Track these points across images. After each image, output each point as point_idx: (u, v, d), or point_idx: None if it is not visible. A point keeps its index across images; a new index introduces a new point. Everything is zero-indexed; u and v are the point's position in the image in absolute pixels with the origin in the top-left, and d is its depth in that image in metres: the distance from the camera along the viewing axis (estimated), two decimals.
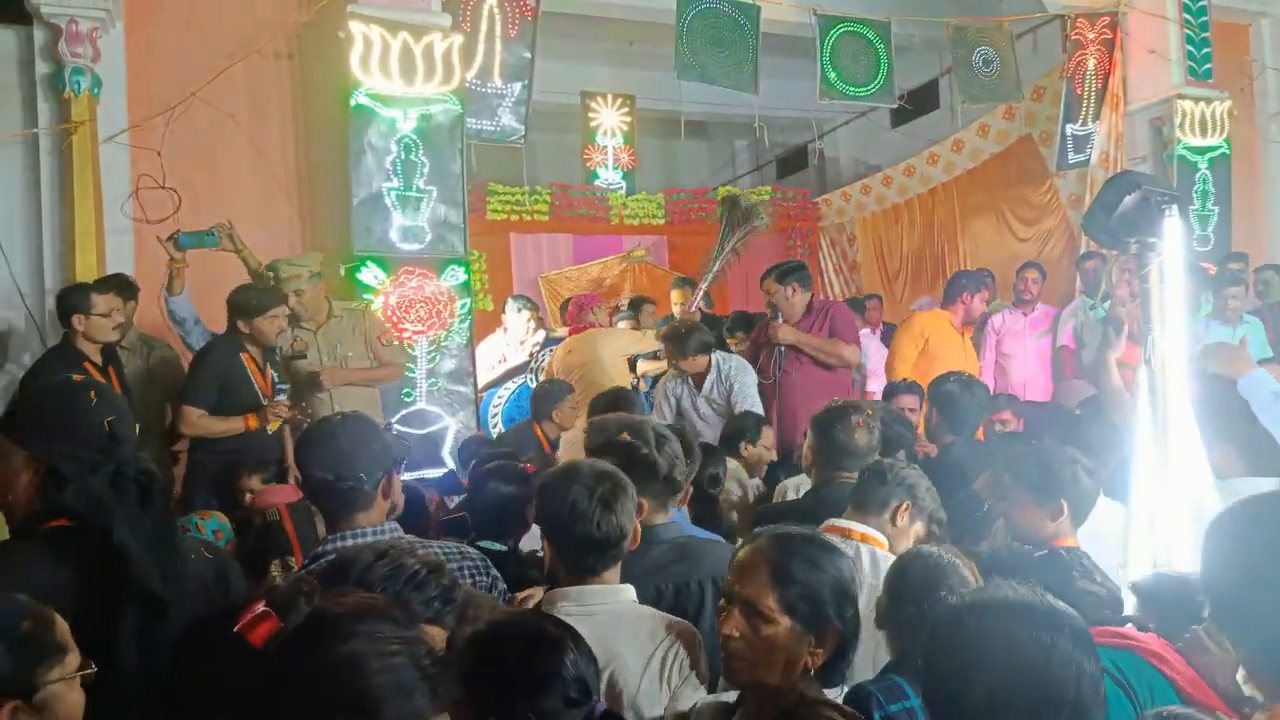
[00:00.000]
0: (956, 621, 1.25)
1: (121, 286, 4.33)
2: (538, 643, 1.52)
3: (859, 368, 5.60)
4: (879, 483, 2.40)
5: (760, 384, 4.66)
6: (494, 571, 2.23)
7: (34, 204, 4.82)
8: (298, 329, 4.45)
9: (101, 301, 4.03)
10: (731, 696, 1.67)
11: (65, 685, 1.42)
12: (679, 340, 4.65)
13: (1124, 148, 6.95)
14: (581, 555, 1.91)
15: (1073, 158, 7.08)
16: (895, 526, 2.40)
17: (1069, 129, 7.03)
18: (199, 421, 4.07)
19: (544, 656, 1.49)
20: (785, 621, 1.52)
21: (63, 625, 1.45)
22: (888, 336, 6.67)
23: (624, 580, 1.99)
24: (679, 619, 1.93)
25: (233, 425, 4.08)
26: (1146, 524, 2.25)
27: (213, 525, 3.11)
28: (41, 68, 4.81)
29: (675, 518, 2.40)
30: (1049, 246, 7.54)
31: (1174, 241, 2.25)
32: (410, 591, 1.53)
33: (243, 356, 4.16)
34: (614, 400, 3.81)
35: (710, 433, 4.40)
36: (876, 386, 5.96)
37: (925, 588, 1.85)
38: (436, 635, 1.50)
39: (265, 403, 4.13)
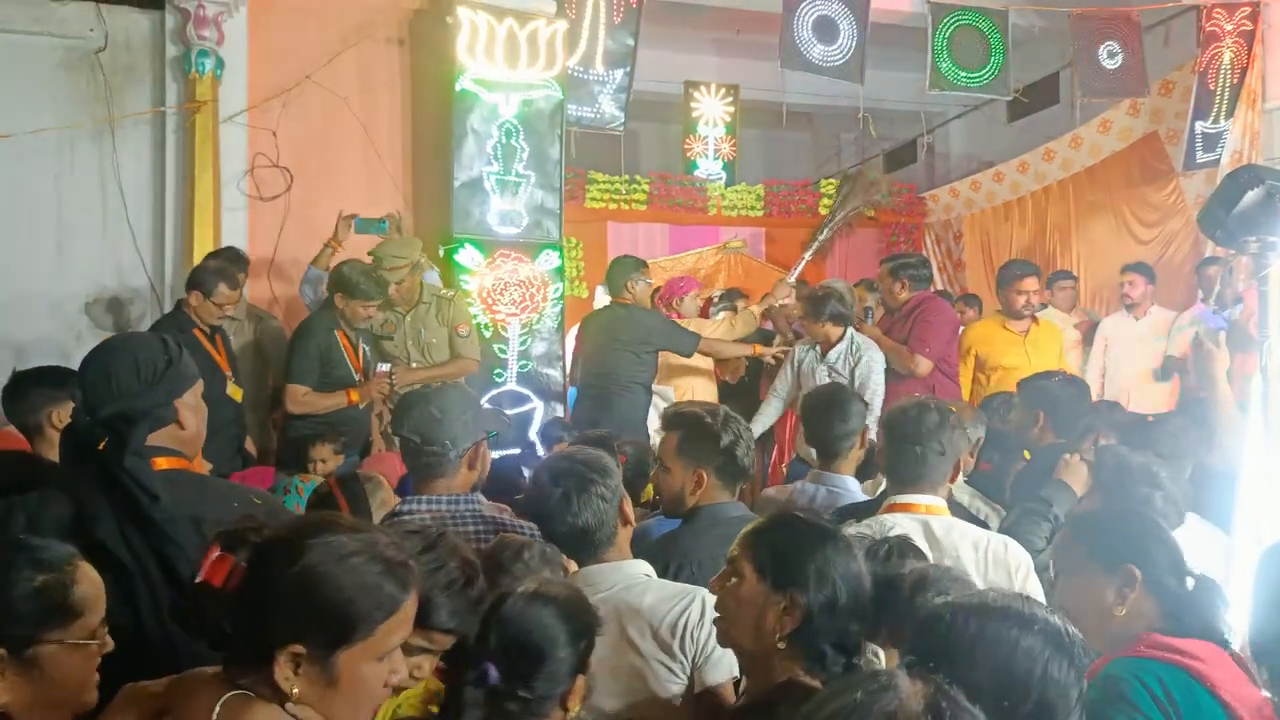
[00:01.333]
0: (937, 618, 1.29)
1: (237, 272, 4.48)
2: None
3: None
4: (935, 453, 2.36)
5: None
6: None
7: (159, 179, 5.10)
8: (392, 311, 4.56)
9: (223, 294, 4.23)
10: None
11: (66, 650, 1.37)
12: (814, 303, 4.68)
13: (1260, 147, 6.50)
14: (565, 544, 2.02)
15: (1201, 157, 6.66)
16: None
17: (1199, 126, 6.61)
18: (305, 399, 4.21)
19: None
20: (752, 578, 1.60)
21: (88, 590, 1.41)
22: None
23: (671, 555, 2.12)
24: (696, 588, 1.95)
25: (337, 400, 4.24)
26: (1253, 553, 2.09)
27: (310, 488, 3.12)
28: (171, 50, 5.07)
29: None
30: (1171, 250, 7.13)
31: None
32: (439, 595, 1.58)
33: (337, 334, 4.30)
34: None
35: None
36: None
37: None
38: (443, 641, 1.59)
39: (358, 380, 4.27)
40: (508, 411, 4.95)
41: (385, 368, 4.40)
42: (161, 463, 1.82)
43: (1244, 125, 6.53)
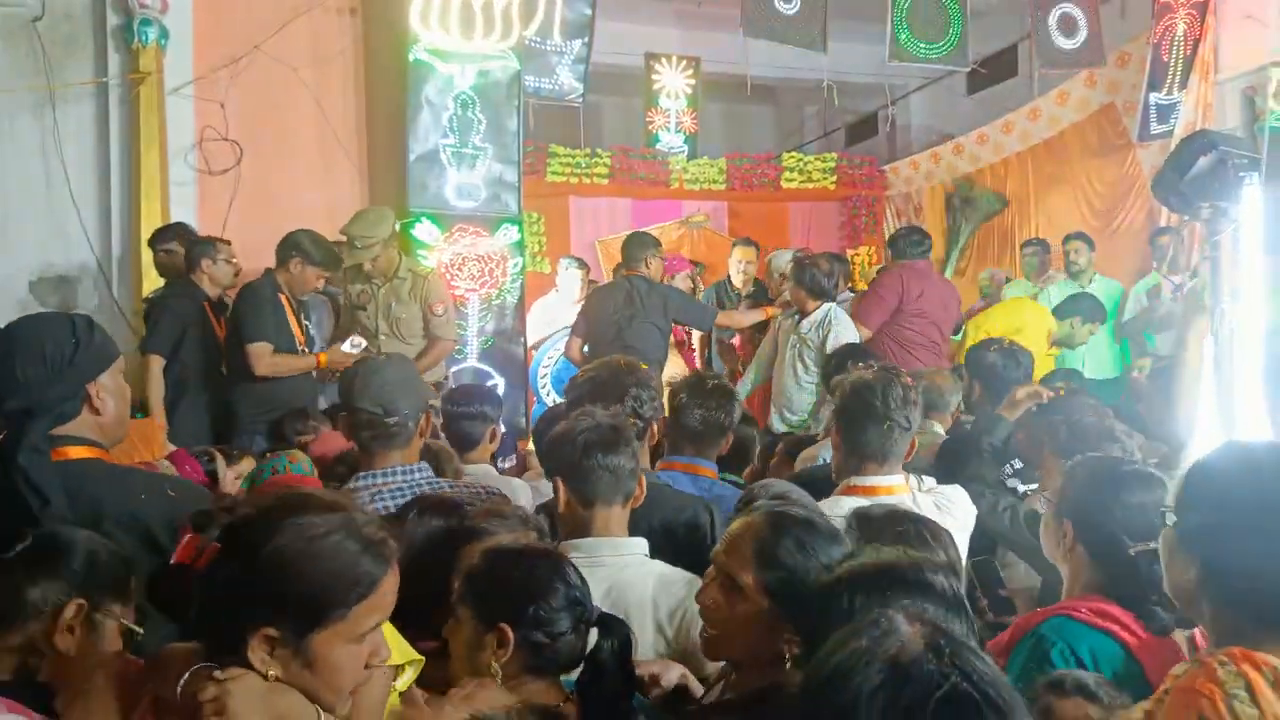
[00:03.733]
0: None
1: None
2: (537, 557, 1.57)
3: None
4: (901, 429, 2.27)
5: None
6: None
7: (103, 153, 4.94)
8: (368, 283, 4.48)
9: (225, 249, 4.37)
10: None
11: (113, 626, 1.46)
12: (798, 268, 4.71)
13: (1212, 118, 6.58)
14: (592, 486, 1.93)
15: (1156, 128, 6.74)
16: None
17: (1153, 97, 6.68)
18: (274, 359, 4.04)
19: (545, 565, 1.54)
20: (762, 603, 1.45)
21: (137, 582, 1.51)
22: None
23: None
24: (693, 575, 1.88)
25: (307, 363, 4.17)
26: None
27: (298, 468, 2.88)
28: (113, 19, 4.90)
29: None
30: (1127, 220, 7.23)
31: (1252, 210, 2.11)
32: None
33: (281, 298, 4.19)
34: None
35: (798, 369, 4.56)
36: None
37: None
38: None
39: (300, 350, 4.18)
40: None
41: (360, 343, 4.27)
42: (74, 453, 1.75)
43: (1197, 97, 6.60)
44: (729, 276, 6.11)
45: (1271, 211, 2.09)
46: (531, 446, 4.23)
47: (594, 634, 1.49)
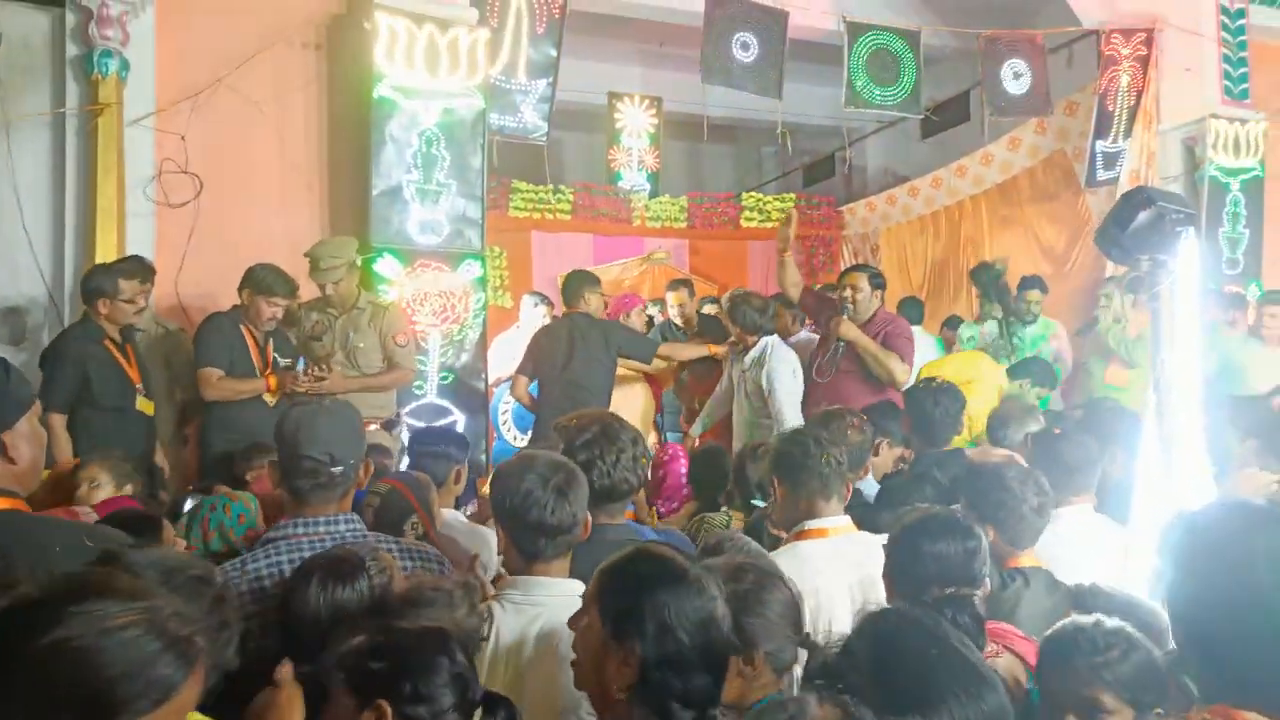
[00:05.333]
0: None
1: (141, 270, 4.37)
2: (420, 634, 1.54)
3: None
4: (834, 471, 2.38)
5: (814, 382, 4.71)
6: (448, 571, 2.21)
7: (59, 184, 4.86)
8: (323, 312, 4.49)
9: (128, 288, 4.14)
10: None
11: None
12: (732, 305, 4.86)
13: (1155, 166, 6.83)
14: (532, 540, 1.95)
15: (1102, 175, 6.98)
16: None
17: (1099, 145, 6.92)
18: (220, 383, 4.12)
19: (429, 641, 1.52)
20: (596, 623, 1.50)
21: None
22: None
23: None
24: None
25: (255, 385, 4.19)
26: (1150, 546, 2.20)
27: (238, 509, 2.88)
28: (71, 49, 4.85)
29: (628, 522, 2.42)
30: (1078, 264, 7.44)
31: (1188, 262, 2.20)
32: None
33: (242, 328, 4.25)
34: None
35: (747, 405, 4.72)
36: None
37: None
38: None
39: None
40: (424, 424, 4.88)
41: (285, 363, 4.33)
42: None
43: (1141, 145, 6.86)
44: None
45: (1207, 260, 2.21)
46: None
47: (478, 716, 1.49)
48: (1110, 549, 2.43)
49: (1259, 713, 1.19)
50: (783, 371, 4.64)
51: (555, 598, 1.91)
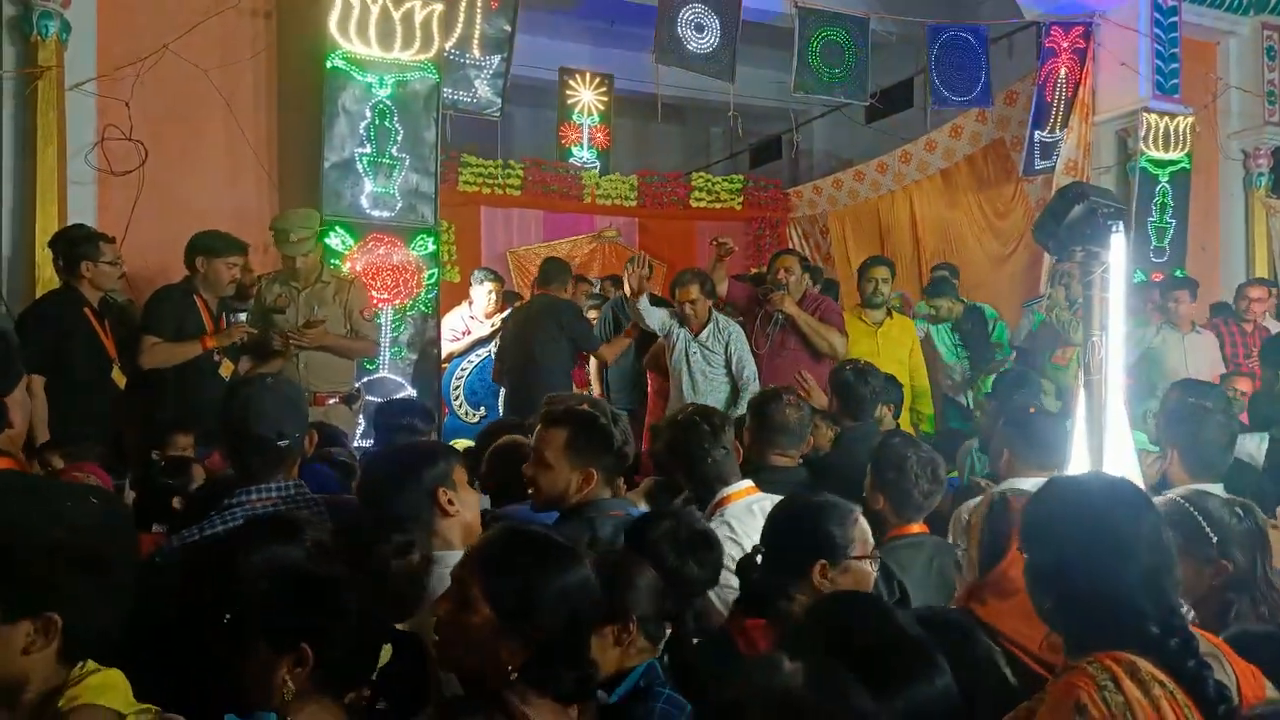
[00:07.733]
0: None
1: (105, 235, 4.28)
2: (328, 577, 1.59)
3: None
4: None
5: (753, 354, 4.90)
6: None
7: None
8: (285, 285, 4.46)
9: (109, 250, 4.14)
10: None
11: None
12: (702, 279, 4.95)
13: (1090, 156, 7.08)
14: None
15: (1039, 164, 7.21)
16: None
17: (1037, 135, 7.15)
18: (155, 349, 4.09)
19: (337, 583, 1.58)
20: (484, 609, 1.47)
21: None
22: None
23: None
24: None
25: (190, 349, 4.17)
26: None
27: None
28: (9, 10, 4.70)
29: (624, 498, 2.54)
30: (1019, 250, 7.67)
31: (1118, 255, 2.35)
32: None
33: (195, 299, 4.22)
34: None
35: (703, 381, 4.81)
36: None
37: None
38: None
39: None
40: (379, 399, 4.89)
41: (242, 318, 4.35)
42: None
43: (1078, 136, 7.09)
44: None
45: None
46: None
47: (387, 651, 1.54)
48: None
49: (1131, 653, 1.39)
50: (744, 340, 4.86)
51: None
